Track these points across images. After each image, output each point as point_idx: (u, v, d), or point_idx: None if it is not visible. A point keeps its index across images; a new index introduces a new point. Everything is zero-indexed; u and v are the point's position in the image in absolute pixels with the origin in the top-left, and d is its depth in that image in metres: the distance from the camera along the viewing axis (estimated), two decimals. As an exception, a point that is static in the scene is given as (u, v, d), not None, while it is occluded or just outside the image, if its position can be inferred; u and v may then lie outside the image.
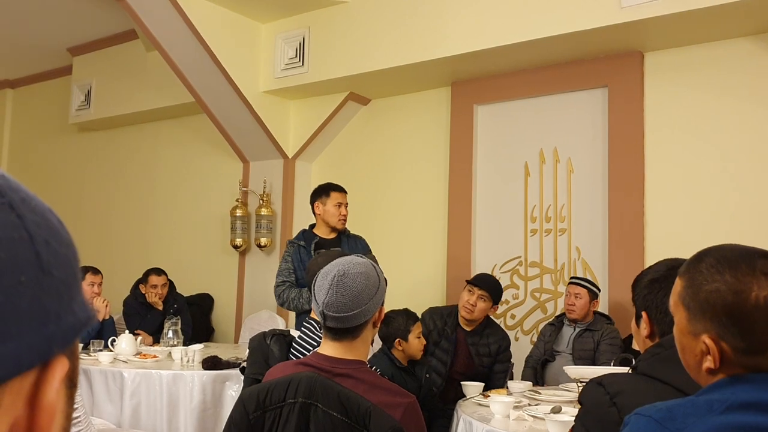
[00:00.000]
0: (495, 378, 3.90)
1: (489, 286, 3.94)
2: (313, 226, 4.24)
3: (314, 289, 1.78)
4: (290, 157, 5.89)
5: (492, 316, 4.07)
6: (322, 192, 4.19)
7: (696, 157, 4.35)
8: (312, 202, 4.22)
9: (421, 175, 5.47)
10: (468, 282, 4.04)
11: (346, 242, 4.17)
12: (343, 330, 1.76)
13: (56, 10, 6.17)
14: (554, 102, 4.89)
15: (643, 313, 1.65)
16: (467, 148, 5.19)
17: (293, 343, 2.58)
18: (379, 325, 1.87)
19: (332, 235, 4.17)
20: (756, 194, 4.14)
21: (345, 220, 4.18)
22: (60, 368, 0.47)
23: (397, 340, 3.37)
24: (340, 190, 4.21)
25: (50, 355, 0.46)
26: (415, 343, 3.42)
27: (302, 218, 5.94)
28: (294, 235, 5.83)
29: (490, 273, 4.77)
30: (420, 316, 3.98)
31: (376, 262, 4.19)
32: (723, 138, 4.27)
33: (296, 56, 5.46)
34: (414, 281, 5.17)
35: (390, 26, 4.98)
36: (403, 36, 4.90)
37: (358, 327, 1.77)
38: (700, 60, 4.37)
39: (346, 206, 4.20)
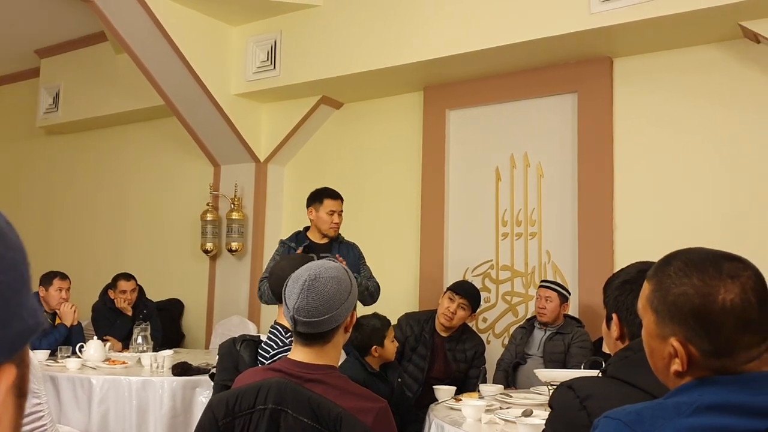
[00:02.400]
0: (469, 383, 3.91)
1: (470, 296, 3.96)
2: (308, 228, 4.18)
3: (285, 294, 1.76)
4: (262, 161, 5.85)
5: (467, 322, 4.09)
6: (316, 198, 4.11)
7: (664, 161, 4.40)
8: (307, 206, 4.14)
9: (393, 179, 5.47)
10: (449, 288, 4.04)
11: (338, 249, 4.08)
12: (314, 335, 1.74)
13: (23, 12, 6.07)
14: (525, 107, 4.93)
15: (614, 315, 1.66)
16: (439, 153, 5.20)
17: (259, 348, 2.56)
18: (350, 330, 1.85)
19: (324, 241, 4.10)
20: (723, 198, 4.20)
21: (337, 228, 4.09)
22: (6, 377, 0.44)
23: (374, 346, 3.36)
24: (334, 197, 4.11)
25: None
26: (390, 347, 3.42)
27: (274, 222, 5.92)
28: (266, 239, 5.83)
29: (464, 279, 4.80)
30: (396, 321, 3.98)
31: (368, 270, 4.13)
32: (690, 142, 4.33)
33: (268, 59, 5.44)
34: (387, 285, 5.14)
35: (362, 30, 4.98)
36: (376, 40, 4.91)
37: (330, 332, 1.75)
38: (668, 66, 4.43)
39: (340, 214, 4.10)
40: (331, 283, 1.73)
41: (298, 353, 1.77)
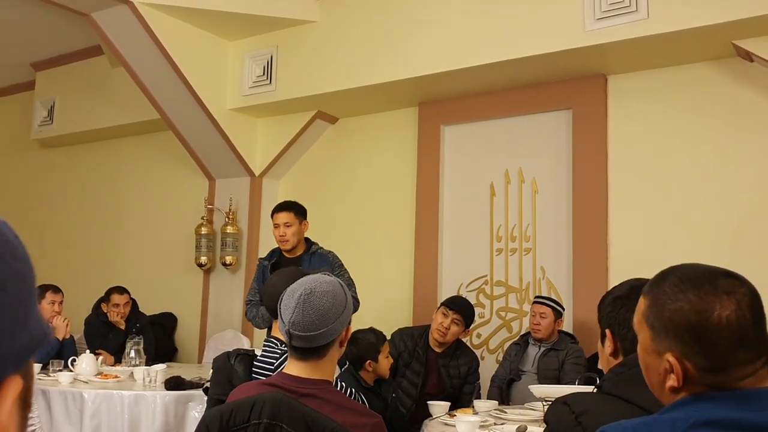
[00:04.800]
0: (463, 399, 3.89)
1: (464, 311, 3.95)
2: None
3: (280, 308, 1.76)
4: (257, 175, 5.86)
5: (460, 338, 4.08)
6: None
7: (658, 177, 4.42)
8: None
9: (388, 195, 5.48)
10: (443, 304, 4.03)
11: (308, 261, 4.02)
12: (309, 349, 1.74)
13: (19, 25, 6.08)
14: (520, 123, 4.95)
15: (607, 331, 1.66)
16: (434, 168, 5.21)
17: (254, 363, 2.55)
18: (345, 345, 1.85)
19: (293, 255, 4.08)
20: (717, 214, 4.22)
21: (284, 241, 4.04)
22: (13, 388, 0.44)
23: (368, 361, 3.35)
24: (277, 210, 4.08)
25: (2, 375, 0.44)
26: (384, 362, 3.41)
27: (269, 237, 5.90)
28: (260, 253, 5.82)
29: (458, 294, 4.80)
30: (390, 337, 3.97)
31: (346, 277, 4.08)
32: (684, 159, 4.36)
33: (264, 74, 5.45)
34: (381, 300, 5.16)
35: (358, 46, 5.00)
36: (371, 56, 4.93)
37: (325, 346, 1.75)
38: (662, 83, 4.47)
39: (287, 225, 4.02)
40: (326, 297, 1.73)
41: (293, 367, 1.77)
